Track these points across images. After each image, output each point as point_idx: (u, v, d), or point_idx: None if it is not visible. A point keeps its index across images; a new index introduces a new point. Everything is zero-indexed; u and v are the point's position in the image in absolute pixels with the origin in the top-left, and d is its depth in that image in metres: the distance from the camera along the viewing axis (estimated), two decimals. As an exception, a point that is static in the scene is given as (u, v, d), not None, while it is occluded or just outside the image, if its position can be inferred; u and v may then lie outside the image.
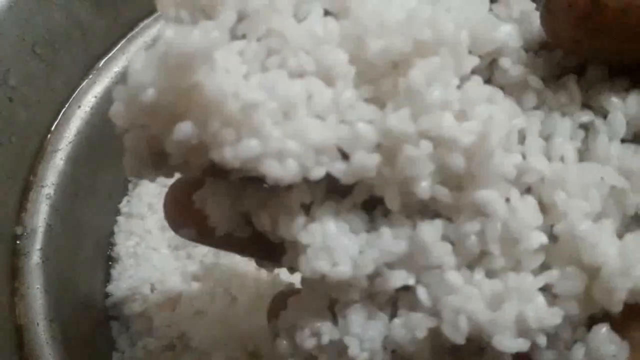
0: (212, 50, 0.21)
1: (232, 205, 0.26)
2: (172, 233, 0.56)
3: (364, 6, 0.24)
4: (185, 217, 0.27)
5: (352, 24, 0.24)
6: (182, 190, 0.28)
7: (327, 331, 0.25)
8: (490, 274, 0.24)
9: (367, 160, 0.23)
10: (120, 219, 0.59)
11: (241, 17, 0.24)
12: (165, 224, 0.57)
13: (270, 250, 0.26)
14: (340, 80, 0.24)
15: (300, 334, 0.26)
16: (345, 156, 0.24)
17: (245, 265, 0.52)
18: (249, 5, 0.23)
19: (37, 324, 0.44)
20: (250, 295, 0.50)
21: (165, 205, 0.28)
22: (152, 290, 0.55)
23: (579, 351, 0.24)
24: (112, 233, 0.58)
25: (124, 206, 0.59)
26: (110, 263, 0.57)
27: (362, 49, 0.24)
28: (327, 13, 0.25)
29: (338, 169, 0.23)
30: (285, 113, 0.22)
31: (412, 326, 0.24)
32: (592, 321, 0.25)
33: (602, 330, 0.24)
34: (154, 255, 0.56)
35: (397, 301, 0.26)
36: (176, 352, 0.52)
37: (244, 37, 0.24)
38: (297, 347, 0.26)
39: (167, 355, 0.52)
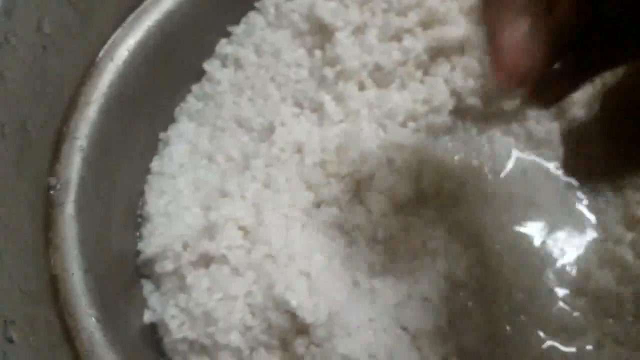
0: None
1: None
2: (204, 193, 0.56)
3: None
4: None
5: None
6: None
7: None
8: None
9: None
10: (150, 177, 0.58)
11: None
12: (197, 184, 0.57)
13: None
14: None
15: None
16: None
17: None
18: None
19: (72, 274, 0.43)
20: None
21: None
22: (185, 248, 0.54)
23: None
24: (142, 192, 0.57)
25: (154, 165, 0.58)
26: (140, 221, 0.56)
27: None
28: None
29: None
30: None
31: None
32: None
33: None
34: (186, 214, 0.55)
35: None
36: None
37: None
38: None
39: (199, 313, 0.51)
